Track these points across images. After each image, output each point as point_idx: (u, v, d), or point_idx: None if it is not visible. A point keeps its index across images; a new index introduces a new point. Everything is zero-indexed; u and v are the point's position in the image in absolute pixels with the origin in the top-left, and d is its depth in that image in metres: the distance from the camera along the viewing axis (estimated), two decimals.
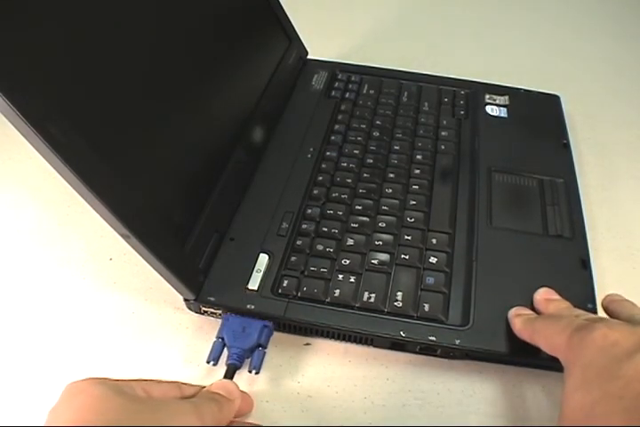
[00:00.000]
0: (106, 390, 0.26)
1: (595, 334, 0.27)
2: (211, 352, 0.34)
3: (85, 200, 0.28)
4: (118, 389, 0.26)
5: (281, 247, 0.38)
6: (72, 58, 0.28)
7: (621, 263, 0.42)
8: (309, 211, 0.41)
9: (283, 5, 0.51)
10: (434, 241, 0.39)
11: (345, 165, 0.45)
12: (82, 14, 0.29)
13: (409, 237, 0.39)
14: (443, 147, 0.47)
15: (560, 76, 0.61)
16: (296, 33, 0.54)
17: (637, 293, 0.40)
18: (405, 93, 0.53)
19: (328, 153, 0.46)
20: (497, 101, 0.53)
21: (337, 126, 0.48)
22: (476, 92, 0.53)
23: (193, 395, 0.30)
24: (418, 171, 0.45)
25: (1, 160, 0.48)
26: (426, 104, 0.52)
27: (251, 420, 0.33)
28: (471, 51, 0.64)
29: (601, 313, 0.36)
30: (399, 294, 0.36)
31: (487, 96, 0.53)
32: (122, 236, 0.30)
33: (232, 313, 0.35)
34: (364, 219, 0.40)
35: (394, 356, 0.36)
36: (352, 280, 0.37)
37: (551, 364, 0.35)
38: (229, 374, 0.33)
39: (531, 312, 0.34)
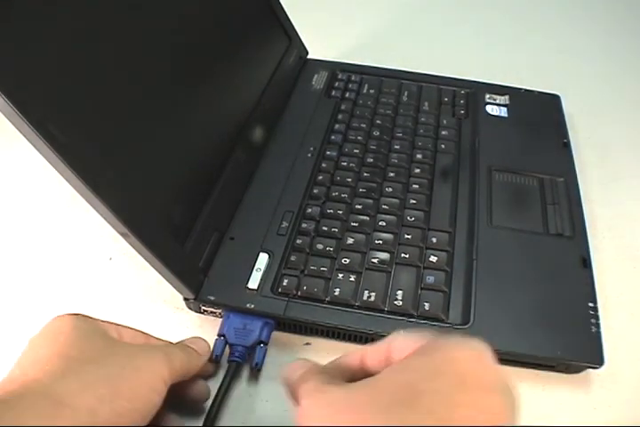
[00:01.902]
0: (89, 330, 0.27)
1: None
2: (213, 350, 0.34)
3: (85, 199, 0.28)
4: (100, 330, 0.28)
5: (281, 246, 0.38)
6: (72, 58, 0.28)
7: (622, 262, 0.42)
8: (309, 210, 0.41)
9: (283, 5, 0.51)
10: (434, 240, 0.39)
11: (345, 164, 0.45)
12: (82, 14, 0.29)
13: (409, 236, 0.39)
14: (443, 146, 0.47)
15: (560, 75, 0.60)
16: (296, 33, 0.54)
17: (637, 292, 0.41)
18: (405, 93, 0.53)
19: (328, 152, 0.46)
20: (497, 101, 0.53)
21: (337, 126, 0.48)
22: (477, 91, 0.53)
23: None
24: (418, 170, 0.45)
25: (1, 160, 0.48)
26: (426, 104, 0.52)
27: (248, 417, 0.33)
28: (471, 50, 0.64)
29: (602, 310, 0.36)
30: (399, 292, 0.36)
31: (487, 96, 0.53)
32: (121, 235, 0.30)
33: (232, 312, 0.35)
34: (365, 218, 0.40)
35: None
36: (352, 279, 0.37)
37: (551, 364, 0.35)
38: (231, 372, 0.33)
39: None
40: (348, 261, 0.38)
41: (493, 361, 0.23)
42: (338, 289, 0.36)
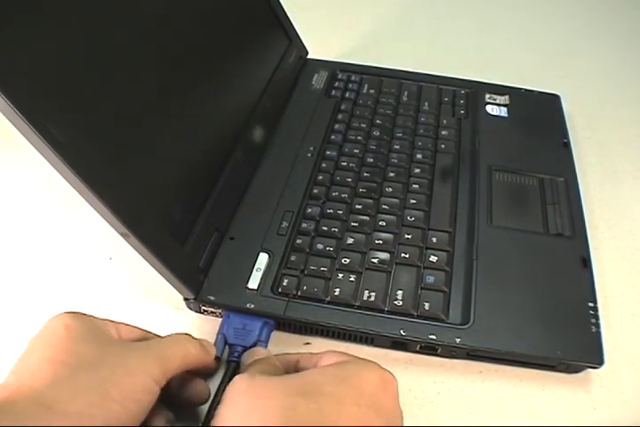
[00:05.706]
0: (83, 331, 0.27)
1: None
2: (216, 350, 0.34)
3: (85, 199, 0.28)
4: (95, 329, 0.28)
5: (281, 246, 0.38)
6: (72, 58, 0.28)
7: (622, 262, 0.42)
8: (309, 210, 0.41)
9: (283, 5, 0.51)
10: (434, 240, 0.39)
11: (345, 164, 0.45)
12: (82, 14, 0.29)
13: (409, 236, 0.39)
14: (443, 146, 0.47)
15: (560, 76, 0.60)
16: (296, 33, 0.54)
17: (637, 292, 0.41)
18: (405, 93, 0.53)
19: (328, 152, 0.46)
20: (497, 101, 0.53)
21: (337, 126, 0.48)
22: (477, 91, 0.53)
23: None
24: (418, 170, 0.45)
25: (1, 160, 0.48)
26: (426, 104, 0.52)
27: None
28: (471, 50, 0.64)
29: (602, 310, 0.36)
30: (399, 292, 0.36)
31: (487, 95, 0.53)
32: (121, 235, 0.30)
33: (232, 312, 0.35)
34: (365, 218, 0.40)
35: (394, 355, 0.36)
36: (352, 279, 0.37)
37: (551, 364, 0.35)
38: (230, 372, 0.33)
39: None
40: (347, 261, 0.38)
41: (396, 393, 0.28)
42: (338, 289, 0.36)
